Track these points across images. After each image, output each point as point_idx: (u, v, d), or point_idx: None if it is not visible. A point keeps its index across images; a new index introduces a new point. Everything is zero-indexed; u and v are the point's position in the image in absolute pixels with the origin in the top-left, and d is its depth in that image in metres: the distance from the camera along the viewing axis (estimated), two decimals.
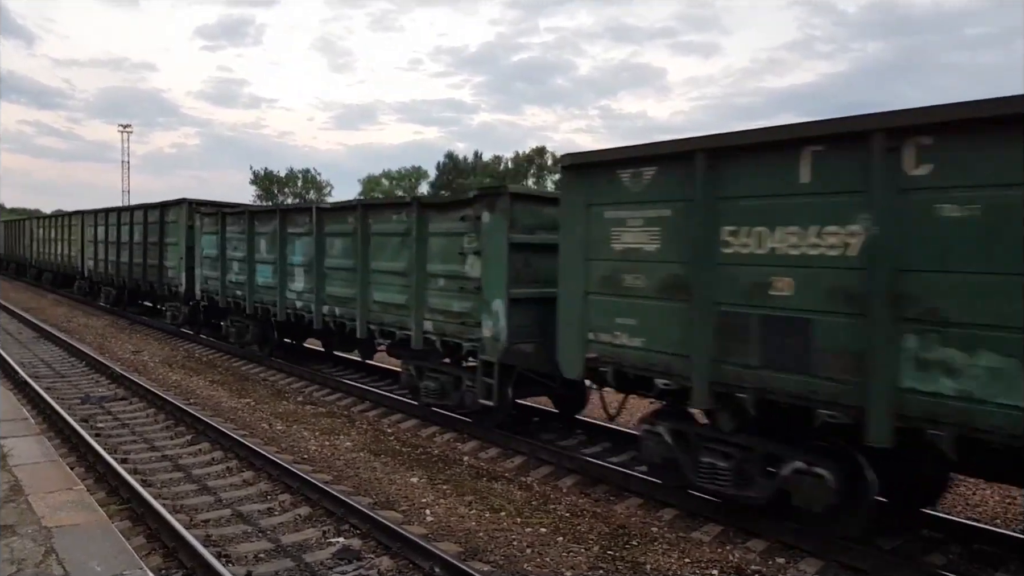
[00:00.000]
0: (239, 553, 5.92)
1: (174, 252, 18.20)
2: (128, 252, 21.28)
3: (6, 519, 5.26)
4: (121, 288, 22.69)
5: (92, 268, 25.08)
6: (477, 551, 6.10)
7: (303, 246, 12.66)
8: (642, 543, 6.33)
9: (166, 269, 18.71)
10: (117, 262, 22.30)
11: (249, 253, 14.31)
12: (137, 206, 20.93)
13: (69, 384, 12.63)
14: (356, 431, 9.95)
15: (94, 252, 24.61)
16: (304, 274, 12.67)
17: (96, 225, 24.29)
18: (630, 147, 6.71)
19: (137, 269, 20.65)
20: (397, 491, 7.56)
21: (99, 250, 24.11)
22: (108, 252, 23.09)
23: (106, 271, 23.48)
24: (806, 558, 6.00)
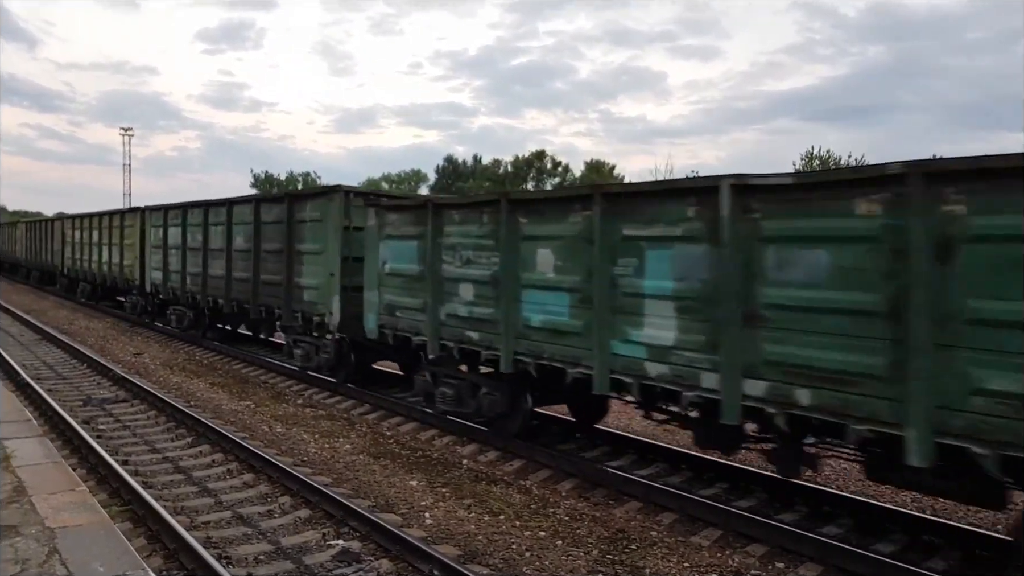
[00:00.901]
0: (239, 555, 5.95)
1: (318, 264, 12.37)
2: (223, 262, 15.80)
3: (10, 520, 5.28)
4: (204, 309, 17.33)
5: (159, 282, 19.44)
6: (476, 554, 6.12)
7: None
8: (641, 547, 6.36)
9: (300, 289, 12.90)
10: (203, 275, 16.72)
11: (509, 271, 8.37)
12: (242, 199, 15.71)
13: (71, 386, 12.67)
14: (356, 434, 9.97)
15: (162, 261, 19.07)
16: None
17: (167, 226, 18.93)
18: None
19: (240, 287, 15.19)
20: (396, 494, 7.59)
21: (172, 258, 18.61)
22: (187, 261, 17.69)
23: (183, 287, 17.95)
24: (805, 563, 6.02)
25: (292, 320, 12.92)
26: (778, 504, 7.26)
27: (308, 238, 12.74)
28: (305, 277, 12.75)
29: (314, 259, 12.48)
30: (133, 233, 21.51)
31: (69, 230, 28.67)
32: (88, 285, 26.61)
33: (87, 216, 26.55)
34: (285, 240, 13.21)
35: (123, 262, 22.37)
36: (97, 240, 24.86)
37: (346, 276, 11.66)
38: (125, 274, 22.27)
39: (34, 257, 35.46)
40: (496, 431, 9.26)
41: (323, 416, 10.95)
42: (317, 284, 12.32)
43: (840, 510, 6.99)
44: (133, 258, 21.42)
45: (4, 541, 4.92)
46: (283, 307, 13.28)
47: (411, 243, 9.86)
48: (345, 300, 11.64)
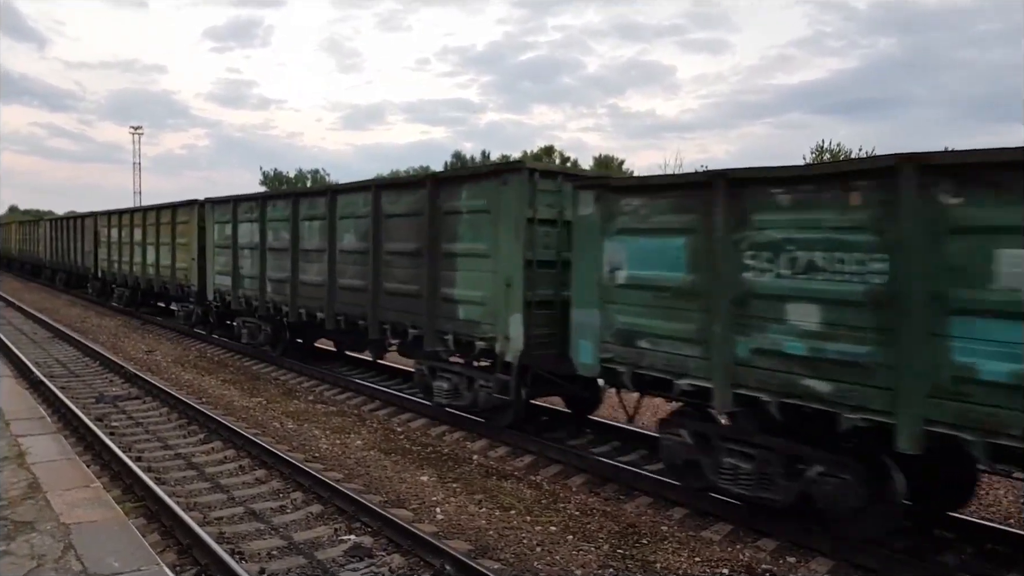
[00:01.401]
0: (252, 550, 5.99)
1: (482, 271, 9.31)
2: (323, 266, 12.54)
3: (25, 516, 5.34)
4: (285, 322, 14.37)
5: (226, 288, 16.27)
6: (487, 549, 6.14)
7: None
8: (652, 542, 6.36)
9: (452, 304, 9.81)
10: (292, 282, 13.60)
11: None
12: (352, 186, 12.22)
13: (83, 383, 12.76)
14: (367, 430, 10.01)
15: (231, 263, 15.84)
16: None
17: (237, 221, 15.72)
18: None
19: (350, 297, 11.89)
20: (407, 489, 7.61)
21: (245, 261, 15.55)
22: (268, 264, 14.50)
23: (261, 295, 14.73)
24: (816, 557, 6.01)
25: (439, 343, 9.96)
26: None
27: (465, 235, 9.56)
28: (460, 288, 9.62)
29: (476, 263, 9.36)
30: (188, 230, 18.20)
31: (105, 228, 24.99)
32: (126, 290, 23.46)
33: (127, 211, 23.20)
34: (426, 238, 10.05)
35: (175, 264, 19.06)
36: (140, 239, 21.53)
37: (530, 287, 8.71)
38: (177, 278, 18.95)
39: (61, 258, 31.81)
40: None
41: (334, 412, 11.00)
42: (481, 297, 9.29)
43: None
44: (188, 260, 18.17)
45: (20, 537, 4.97)
46: (424, 326, 10.10)
47: (672, 240, 6.81)
48: (528, 319, 8.71)
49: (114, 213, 24.20)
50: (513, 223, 8.68)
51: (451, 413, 10.27)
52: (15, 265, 41.52)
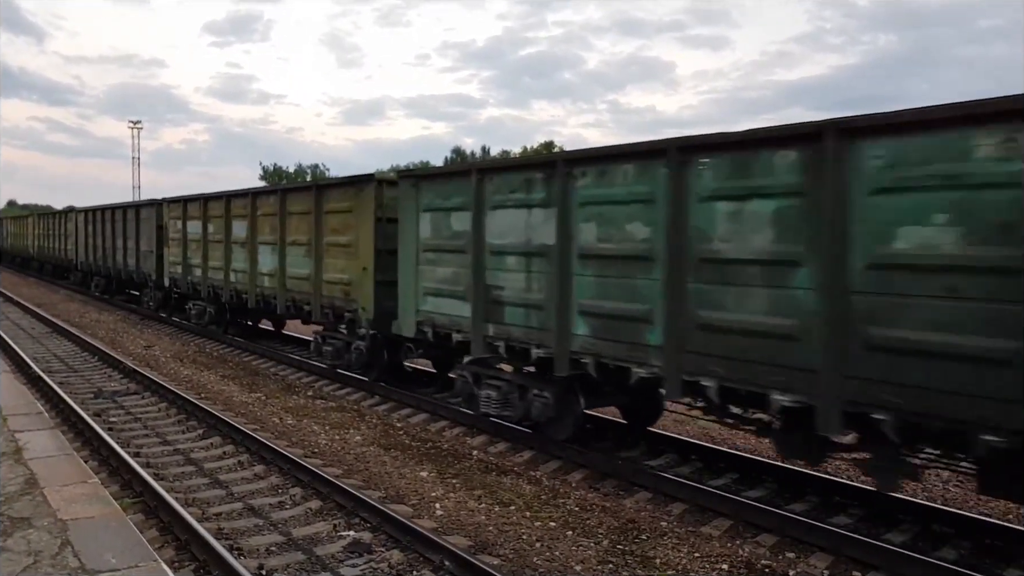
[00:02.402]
0: (251, 546, 5.97)
1: None
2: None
3: (22, 512, 5.32)
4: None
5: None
6: (487, 545, 6.13)
7: None
8: (652, 537, 6.35)
9: None
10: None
11: None
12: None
13: (82, 379, 12.74)
14: (366, 425, 10.00)
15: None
16: None
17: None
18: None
19: None
20: (407, 485, 7.60)
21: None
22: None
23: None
24: (816, 553, 6.00)
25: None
26: (788, 494, 7.24)
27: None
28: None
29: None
30: (360, 220, 11.44)
31: (178, 220, 18.45)
32: (209, 307, 17.59)
33: (213, 198, 16.68)
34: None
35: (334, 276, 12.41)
36: (248, 236, 15.05)
37: None
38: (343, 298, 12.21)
39: (101, 259, 25.41)
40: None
41: (333, 408, 10.98)
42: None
43: (850, 500, 6.97)
44: (357, 273, 11.53)
45: (17, 533, 4.95)
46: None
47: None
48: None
49: (192, 200, 17.89)
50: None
51: (454, 411, 10.26)
52: (33, 265, 39.92)
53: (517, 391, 8.82)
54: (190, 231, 18.08)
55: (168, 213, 19.38)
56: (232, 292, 16.13)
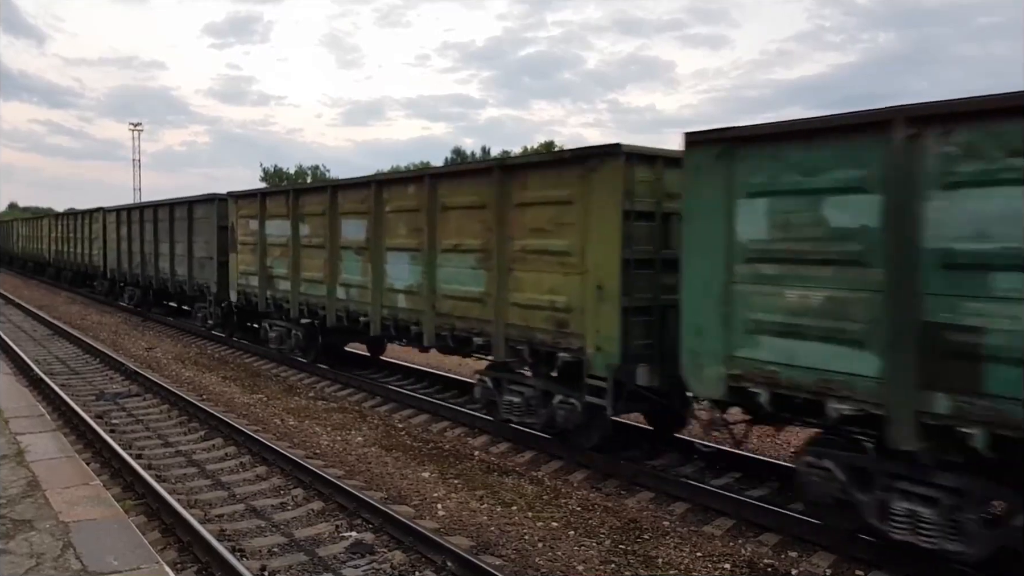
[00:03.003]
0: (253, 547, 5.97)
1: None
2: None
3: (24, 514, 5.32)
4: None
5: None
6: (489, 545, 6.13)
7: None
8: (654, 537, 6.35)
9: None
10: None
11: None
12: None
13: (84, 381, 12.74)
14: (367, 426, 9.99)
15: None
16: None
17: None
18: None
19: None
20: (409, 486, 7.60)
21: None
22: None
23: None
24: (818, 552, 6.00)
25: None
26: (790, 493, 7.22)
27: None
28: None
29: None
30: (591, 215, 7.87)
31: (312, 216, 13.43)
32: (295, 329, 13.86)
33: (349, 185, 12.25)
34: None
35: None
36: (365, 240, 11.49)
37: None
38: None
39: (139, 268, 21.94)
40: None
41: (335, 409, 10.98)
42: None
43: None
44: (584, 293, 8.02)
45: (19, 535, 4.95)
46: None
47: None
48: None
49: (274, 194, 14.76)
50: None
51: (454, 411, 10.25)
52: (49, 272, 35.16)
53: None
54: (271, 233, 14.12)
55: (237, 211, 15.41)
56: (341, 312, 12.14)
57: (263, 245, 14.23)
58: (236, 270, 15.43)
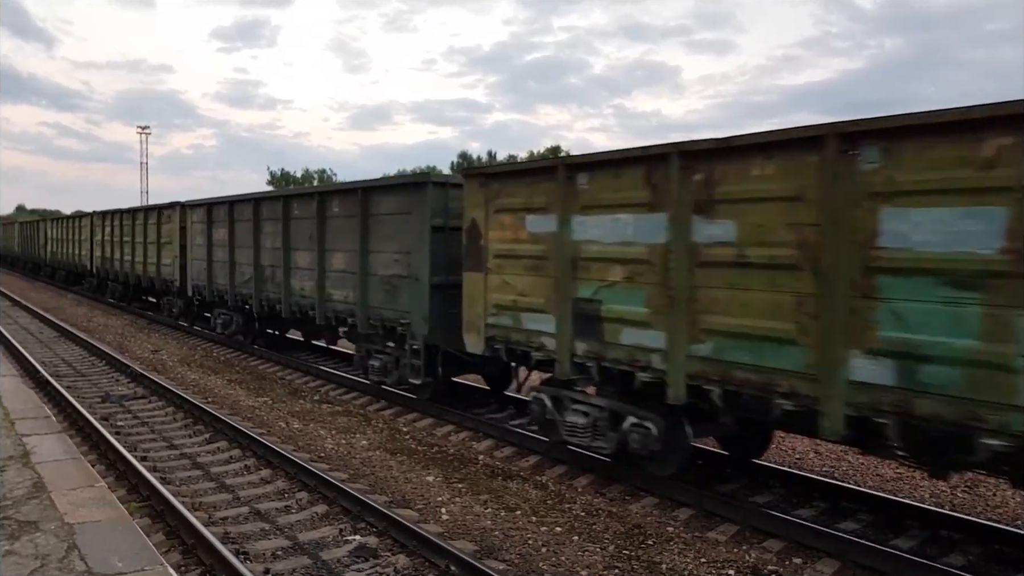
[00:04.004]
0: (257, 550, 5.98)
1: None
2: None
3: (30, 516, 5.34)
4: None
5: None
6: (492, 550, 6.12)
7: None
8: (658, 543, 6.33)
9: None
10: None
11: None
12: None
13: (89, 383, 12.78)
14: (372, 430, 10.00)
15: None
16: None
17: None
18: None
19: None
20: (413, 490, 7.60)
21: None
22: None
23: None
24: (823, 558, 5.98)
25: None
26: (795, 499, 7.21)
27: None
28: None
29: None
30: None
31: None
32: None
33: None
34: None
35: None
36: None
37: None
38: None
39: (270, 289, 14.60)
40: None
41: (340, 412, 10.99)
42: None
43: (858, 505, 6.94)
44: None
45: (24, 537, 4.97)
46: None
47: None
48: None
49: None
50: None
51: (459, 415, 10.25)
52: (87, 281, 29.10)
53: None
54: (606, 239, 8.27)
55: (486, 201, 8.73)
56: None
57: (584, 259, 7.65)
58: (485, 298, 8.79)
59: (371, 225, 11.09)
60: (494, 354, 8.81)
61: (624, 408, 7.35)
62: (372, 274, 11.12)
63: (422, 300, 10.01)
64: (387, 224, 10.78)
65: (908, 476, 7.89)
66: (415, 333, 10.19)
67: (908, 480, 7.85)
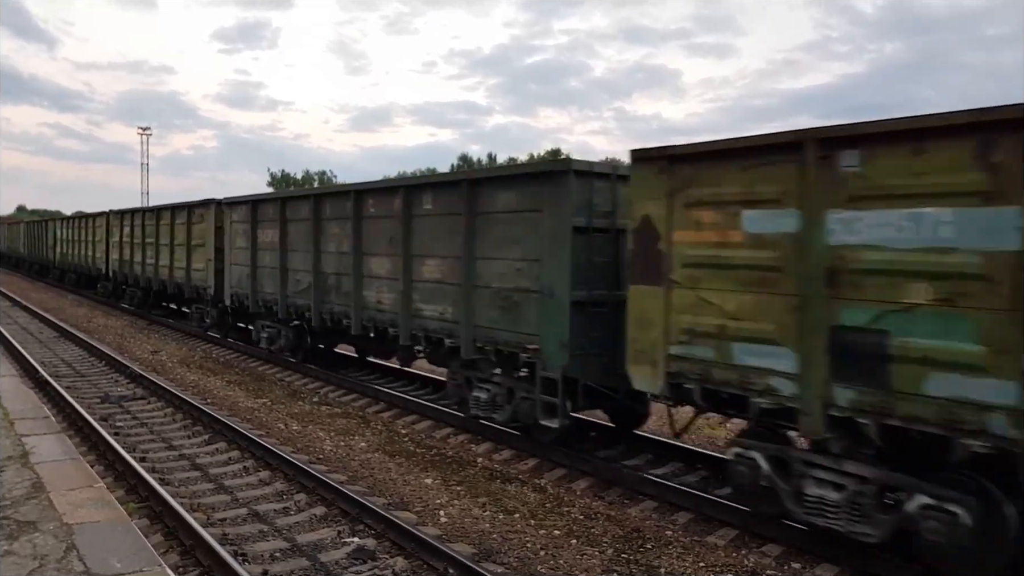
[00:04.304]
0: (255, 552, 5.98)
1: None
2: None
3: (28, 516, 5.34)
4: None
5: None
6: (491, 552, 6.12)
7: None
8: (656, 546, 6.33)
9: None
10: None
11: None
12: None
13: (89, 383, 12.78)
14: (371, 432, 10.00)
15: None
16: None
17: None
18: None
19: None
20: (411, 492, 7.59)
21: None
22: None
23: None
24: (822, 563, 5.97)
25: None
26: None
27: None
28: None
29: None
30: None
31: None
32: None
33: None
34: None
35: None
36: None
37: None
38: None
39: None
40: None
41: (338, 414, 10.99)
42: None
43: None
44: None
45: (23, 537, 4.97)
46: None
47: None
48: None
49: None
50: None
51: (458, 417, 10.24)
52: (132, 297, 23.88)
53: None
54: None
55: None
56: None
57: None
58: (666, 321, 6.76)
59: (480, 226, 8.98)
60: (680, 396, 6.73)
61: (909, 483, 5.41)
62: (482, 286, 8.98)
63: (559, 321, 7.87)
64: (504, 224, 8.67)
65: None
66: (549, 362, 8.01)
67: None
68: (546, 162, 8.29)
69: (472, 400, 9.35)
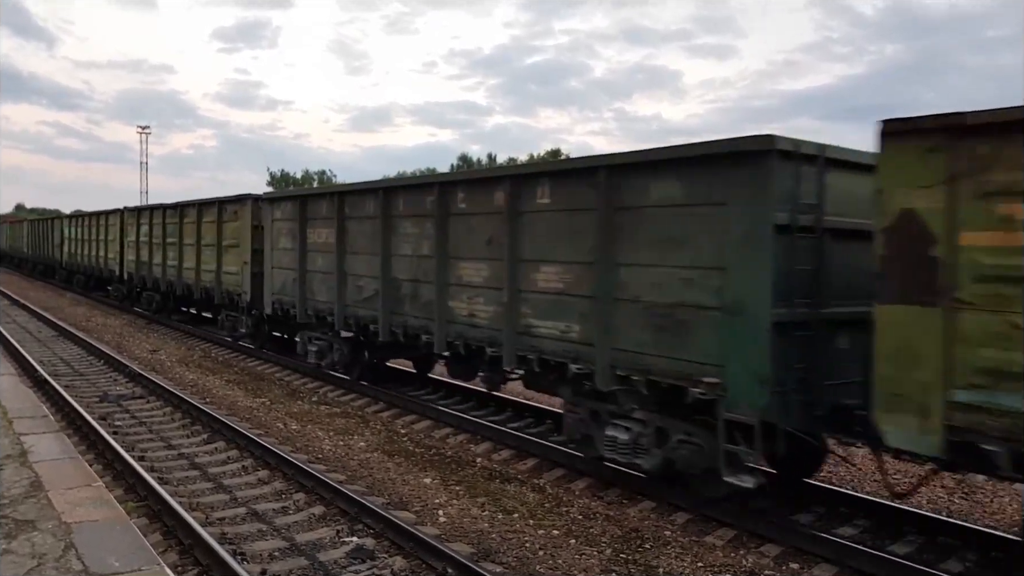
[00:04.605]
0: (254, 551, 5.98)
1: None
2: None
3: (27, 515, 5.34)
4: None
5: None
6: (490, 552, 6.12)
7: None
8: (655, 546, 6.33)
9: None
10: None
11: None
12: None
13: (88, 382, 12.77)
14: (370, 431, 10.00)
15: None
16: None
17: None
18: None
19: None
20: (410, 491, 7.60)
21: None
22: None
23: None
24: (820, 563, 5.98)
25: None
26: (793, 504, 7.21)
27: None
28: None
29: None
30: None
31: None
32: None
33: None
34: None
35: None
36: None
37: None
38: None
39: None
40: None
41: (338, 414, 10.99)
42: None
43: (856, 511, 6.93)
44: None
45: (21, 536, 4.97)
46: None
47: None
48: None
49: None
50: None
51: (457, 417, 10.24)
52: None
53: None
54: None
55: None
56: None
57: None
58: (945, 355, 5.01)
59: (623, 224, 7.17)
60: (968, 459, 5.06)
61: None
62: (626, 299, 7.10)
63: (755, 347, 6.03)
64: (661, 222, 6.86)
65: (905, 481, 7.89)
66: (738, 401, 6.13)
67: (904, 485, 7.85)
68: (736, 140, 6.25)
69: (606, 441, 7.44)
